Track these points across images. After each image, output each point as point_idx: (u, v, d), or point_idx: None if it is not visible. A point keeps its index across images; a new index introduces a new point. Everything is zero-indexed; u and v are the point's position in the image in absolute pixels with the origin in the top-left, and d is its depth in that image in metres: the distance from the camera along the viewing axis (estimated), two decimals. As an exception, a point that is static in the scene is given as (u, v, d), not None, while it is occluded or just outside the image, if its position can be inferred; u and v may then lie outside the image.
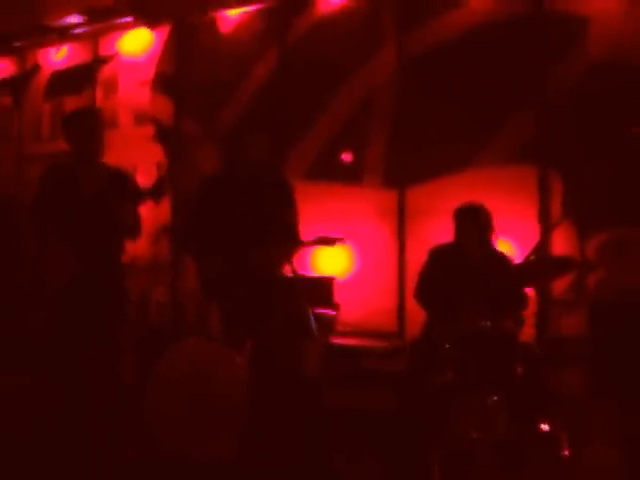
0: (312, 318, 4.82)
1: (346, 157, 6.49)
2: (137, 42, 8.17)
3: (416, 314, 5.55)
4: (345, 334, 6.21)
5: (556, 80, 5.92)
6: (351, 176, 6.79)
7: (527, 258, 5.14)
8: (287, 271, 4.78)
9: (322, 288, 6.10)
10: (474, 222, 5.31)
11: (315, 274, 6.61)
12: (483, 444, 4.30)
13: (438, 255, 5.48)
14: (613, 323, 5.43)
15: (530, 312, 5.22)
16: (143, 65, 8.08)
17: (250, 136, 5.01)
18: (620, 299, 5.49)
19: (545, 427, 4.41)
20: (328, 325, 5.78)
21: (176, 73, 7.85)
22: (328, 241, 4.94)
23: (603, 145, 5.62)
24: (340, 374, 5.43)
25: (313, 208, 6.24)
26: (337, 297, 6.40)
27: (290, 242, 4.81)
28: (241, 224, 4.86)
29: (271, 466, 4.02)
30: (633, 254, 5.64)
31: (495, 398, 4.47)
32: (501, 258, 5.35)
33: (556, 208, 5.90)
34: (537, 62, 6.01)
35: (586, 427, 4.71)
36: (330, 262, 6.77)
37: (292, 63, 7.13)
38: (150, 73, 8.01)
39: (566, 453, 4.32)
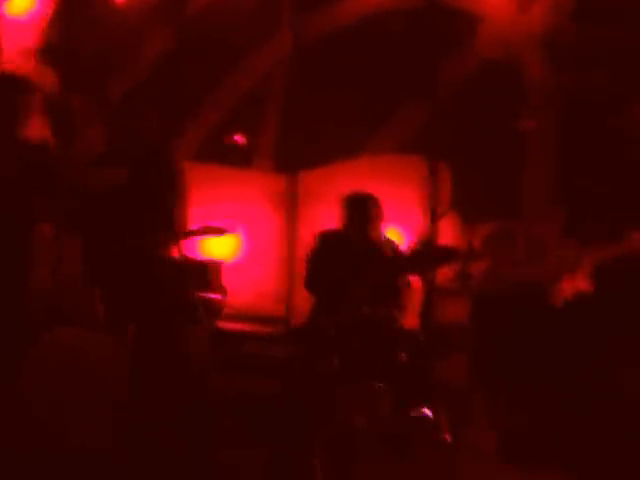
0: (198, 302, 4.73)
1: (238, 140, 6.39)
2: (24, 6, 7.77)
3: (304, 299, 5.54)
4: (232, 318, 6.14)
5: (447, 73, 6.02)
6: (242, 159, 6.70)
7: (413, 247, 5.21)
8: (173, 254, 4.68)
9: (209, 272, 5.98)
10: (362, 210, 5.33)
11: (202, 257, 6.50)
12: (367, 430, 4.33)
13: (325, 241, 5.48)
14: (495, 313, 5.58)
15: (415, 300, 5.29)
16: (29, 31, 7.70)
17: (138, 116, 4.87)
18: (503, 290, 5.64)
19: (427, 412, 4.48)
20: (215, 309, 5.69)
21: (63, 43, 7.52)
22: (216, 230, 4.86)
23: (490, 139, 5.76)
24: (225, 359, 5.36)
25: (203, 191, 6.11)
26: (225, 281, 6.31)
27: (171, 229, 4.70)
28: (125, 207, 4.72)
29: (150, 454, 3.93)
30: (517, 246, 5.80)
31: (379, 385, 4.51)
32: (388, 246, 5.40)
33: (444, 198, 5.99)
34: (430, 54, 6.08)
35: (467, 412, 4.81)
36: (218, 245, 6.67)
37: (187, 40, 6.94)
38: (36, 40, 7.64)
39: (447, 437, 4.41)
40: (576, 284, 3.94)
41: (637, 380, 4.32)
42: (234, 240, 6.63)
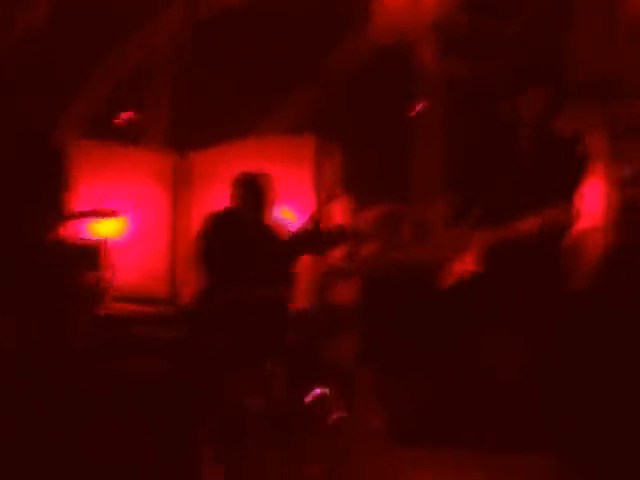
0: (83, 284, 4.58)
1: (127, 116, 6.20)
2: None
3: (189, 280, 5.45)
4: (119, 300, 5.97)
5: (340, 56, 6.04)
6: (131, 137, 6.50)
7: (303, 227, 5.22)
8: (56, 236, 4.50)
9: (95, 252, 5.79)
10: (254, 190, 5.29)
11: (88, 237, 6.28)
12: (258, 411, 4.31)
13: (215, 221, 5.40)
14: (383, 294, 5.66)
15: (305, 281, 5.31)
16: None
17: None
18: (390, 272, 5.72)
19: (318, 392, 4.50)
20: (100, 291, 5.52)
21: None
22: (105, 213, 4.70)
23: (381, 124, 5.82)
24: (112, 341, 5.21)
25: (89, 169, 5.91)
26: (109, 262, 6.13)
27: (53, 211, 4.52)
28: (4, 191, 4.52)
29: (30, 438, 3.79)
30: (404, 229, 5.90)
31: (270, 366, 4.50)
32: (278, 227, 5.38)
33: (334, 180, 6.03)
34: (324, 38, 6.08)
35: (356, 391, 4.86)
36: (104, 225, 6.45)
37: (67, 11, 6.63)
38: None
39: (337, 417, 4.44)
40: (464, 266, 4.03)
41: (510, 362, 4.48)
42: (119, 220, 6.44)
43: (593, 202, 6.01)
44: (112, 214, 4.72)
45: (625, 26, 6.00)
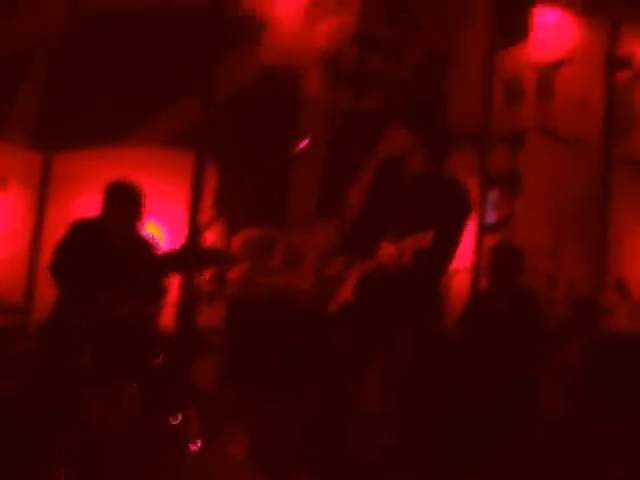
0: None
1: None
2: None
3: (46, 289, 5.14)
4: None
5: (226, 73, 5.95)
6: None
7: (175, 246, 5.05)
8: None
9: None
10: (124, 202, 5.07)
11: None
12: (113, 434, 4.09)
13: (80, 230, 5.11)
14: (249, 318, 5.59)
15: (171, 301, 5.13)
16: None
17: None
18: (258, 296, 5.66)
19: (178, 419, 4.34)
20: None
21: None
22: None
23: (262, 145, 5.76)
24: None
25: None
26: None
27: None
28: None
29: None
30: (275, 253, 5.87)
31: (129, 386, 4.30)
32: (147, 242, 5.18)
33: (208, 197, 5.91)
34: (211, 51, 5.97)
35: (217, 417, 4.74)
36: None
37: None
38: None
39: (197, 445, 4.29)
40: (342, 294, 4.01)
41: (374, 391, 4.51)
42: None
43: (461, 244, 6.23)
44: None
45: (502, 82, 6.30)
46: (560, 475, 4.33)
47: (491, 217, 6.29)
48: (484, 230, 6.26)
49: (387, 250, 3.76)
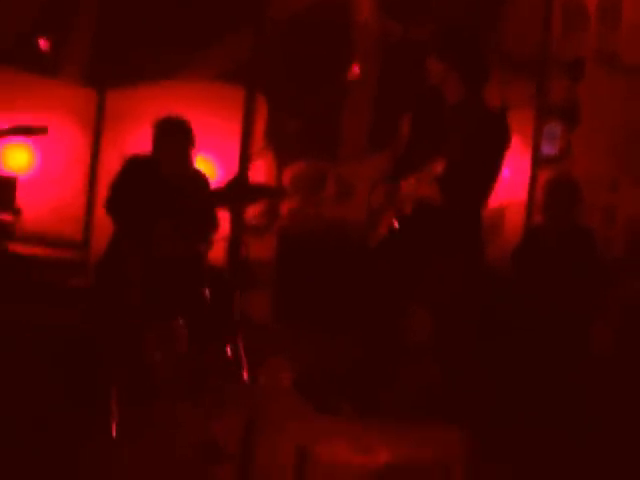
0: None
1: (43, 44, 5.86)
2: None
3: (105, 225, 5.25)
4: (25, 240, 5.72)
5: (277, 6, 5.85)
6: (48, 67, 6.17)
7: (224, 181, 5.07)
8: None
9: (1, 188, 5.50)
10: (174, 137, 5.08)
11: (-5, 170, 5.97)
12: (166, 366, 4.21)
13: (134, 166, 5.16)
14: (300, 251, 5.62)
15: (222, 236, 5.19)
16: None
17: None
18: (308, 229, 5.67)
19: (228, 351, 4.44)
20: (6, 229, 5.25)
21: None
22: (27, 130, 4.37)
23: (313, 79, 5.69)
24: (17, 285, 4.99)
25: (1, 97, 5.59)
26: (18, 198, 5.84)
27: None
28: None
29: None
30: (329, 187, 5.85)
31: (180, 320, 4.39)
32: (198, 177, 5.22)
33: (259, 132, 5.89)
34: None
35: (268, 349, 4.82)
36: (12, 158, 6.15)
37: None
38: None
39: (245, 375, 4.39)
40: (383, 226, 3.98)
41: (425, 330, 4.51)
42: (29, 154, 6.15)
43: (513, 178, 6.10)
44: (34, 131, 4.37)
45: (562, 8, 6.03)
46: (607, 415, 4.29)
47: (548, 149, 6.12)
48: (540, 163, 6.10)
49: (409, 181, 3.77)
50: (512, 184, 6.13)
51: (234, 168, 5.41)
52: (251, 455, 3.28)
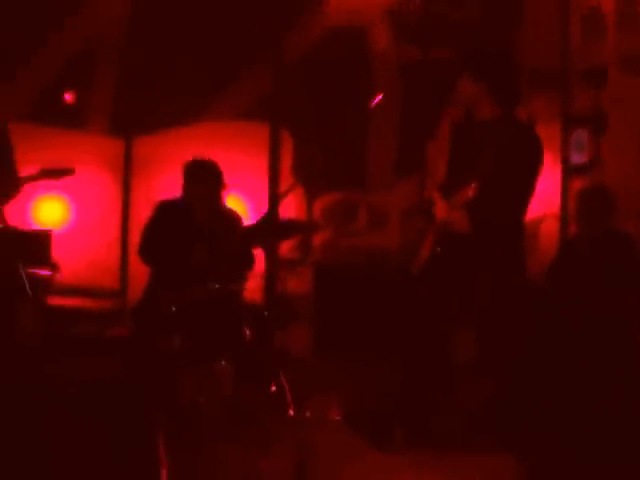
0: (26, 277, 4.38)
1: (68, 98, 5.95)
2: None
3: (140, 272, 5.29)
4: (62, 292, 5.77)
5: (293, 40, 5.91)
6: (74, 120, 6.27)
7: (261, 218, 5.08)
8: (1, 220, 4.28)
9: (37, 243, 5.56)
10: (204, 178, 5.13)
11: (29, 226, 6.05)
12: (210, 409, 4.20)
13: (165, 210, 5.22)
14: (337, 283, 5.60)
15: (257, 272, 5.19)
16: None
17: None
18: (344, 259, 5.66)
19: (273, 388, 4.41)
20: (44, 284, 5.31)
21: None
22: (55, 172, 4.43)
23: (334, 109, 5.72)
24: (58, 339, 5.03)
25: (31, 153, 5.65)
26: (54, 252, 5.91)
27: None
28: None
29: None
30: (358, 216, 5.83)
31: (223, 362, 4.38)
32: (230, 216, 5.24)
33: (286, 165, 5.92)
34: (276, 19, 5.93)
35: (311, 383, 4.79)
36: (46, 212, 6.23)
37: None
38: None
39: (292, 411, 4.35)
40: (423, 252, 3.96)
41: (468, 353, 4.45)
42: (63, 207, 6.23)
43: (546, 190, 6.03)
44: (66, 173, 4.43)
45: (580, 16, 6.00)
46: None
47: (577, 159, 6.05)
48: (570, 173, 6.03)
49: (441, 206, 3.75)
50: (544, 196, 6.08)
51: (264, 204, 5.42)
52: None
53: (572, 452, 3.69)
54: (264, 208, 5.21)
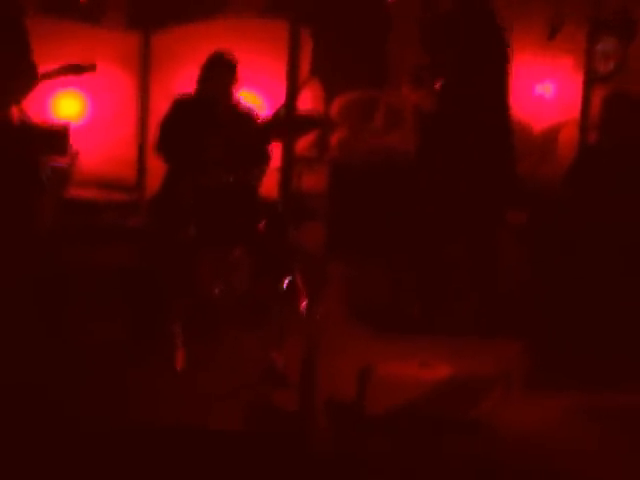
0: (44, 168, 4.42)
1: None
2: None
3: (157, 166, 5.32)
4: (81, 185, 5.83)
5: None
6: (90, 15, 6.19)
7: (276, 113, 5.06)
8: (14, 117, 4.29)
9: (56, 135, 5.58)
10: (221, 73, 5.10)
11: (48, 119, 6.05)
12: (225, 299, 4.30)
13: (182, 105, 5.22)
14: (351, 181, 5.61)
15: (273, 168, 5.21)
16: None
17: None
18: (360, 158, 5.65)
19: (286, 281, 4.49)
20: (63, 176, 5.36)
21: None
22: (76, 68, 4.42)
23: (353, 7, 5.61)
24: (78, 228, 5.11)
25: (45, 47, 5.60)
26: (73, 145, 5.94)
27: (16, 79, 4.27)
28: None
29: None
30: (379, 116, 5.79)
31: (237, 252, 4.46)
32: (246, 111, 5.23)
33: (305, 65, 5.84)
34: None
35: (322, 281, 4.87)
36: (64, 107, 6.23)
37: None
38: None
39: (304, 306, 4.44)
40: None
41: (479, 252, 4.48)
42: (80, 101, 6.22)
43: (566, 96, 5.95)
44: (88, 69, 4.42)
45: None
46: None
47: (602, 67, 5.92)
48: (594, 80, 5.91)
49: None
50: (565, 103, 6.00)
51: (281, 101, 5.38)
52: (313, 379, 3.34)
53: (577, 345, 3.77)
54: (280, 105, 5.17)
